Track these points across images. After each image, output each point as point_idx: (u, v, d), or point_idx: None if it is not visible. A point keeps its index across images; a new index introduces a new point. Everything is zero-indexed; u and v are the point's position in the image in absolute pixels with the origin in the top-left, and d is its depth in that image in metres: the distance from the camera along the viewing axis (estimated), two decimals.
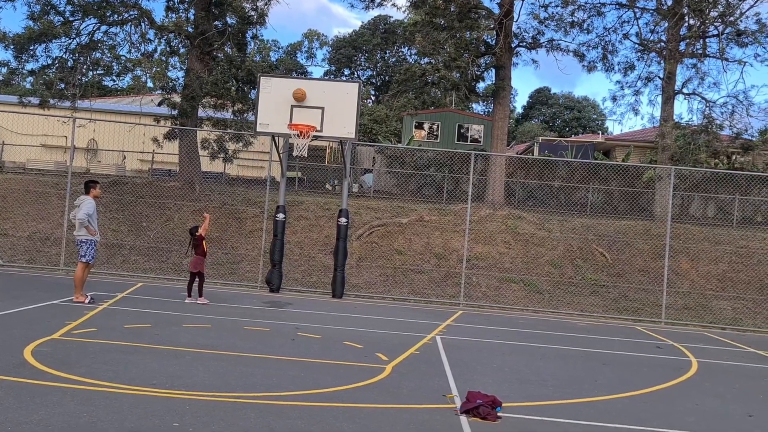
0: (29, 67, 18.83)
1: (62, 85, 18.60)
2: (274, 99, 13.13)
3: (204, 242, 11.53)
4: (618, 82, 25.99)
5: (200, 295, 11.44)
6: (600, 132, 50.31)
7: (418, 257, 16.23)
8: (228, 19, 20.06)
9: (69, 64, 18.79)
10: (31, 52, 18.36)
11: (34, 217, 16.26)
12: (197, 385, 6.12)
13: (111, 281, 13.46)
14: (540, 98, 65.80)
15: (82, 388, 5.69)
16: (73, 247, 14.98)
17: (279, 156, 14.04)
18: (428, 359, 8.25)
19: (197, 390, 5.93)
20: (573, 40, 22.26)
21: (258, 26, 20.58)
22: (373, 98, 59.05)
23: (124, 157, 27.39)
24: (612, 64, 22.20)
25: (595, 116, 62.71)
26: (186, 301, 11.36)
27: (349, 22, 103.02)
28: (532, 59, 23.58)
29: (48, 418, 4.88)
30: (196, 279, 11.49)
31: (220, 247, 15.92)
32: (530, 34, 21.57)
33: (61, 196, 15.75)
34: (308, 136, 12.76)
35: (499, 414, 5.90)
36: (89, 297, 10.44)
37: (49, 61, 18.83)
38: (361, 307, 12.83)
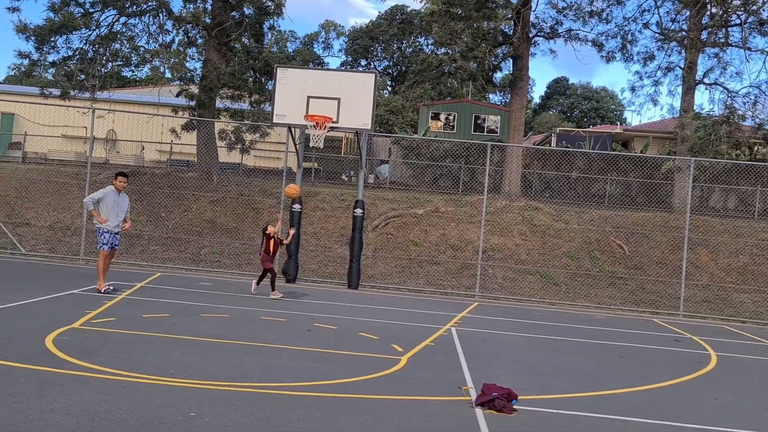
0: (50, 58, 19.03)
1: (82, 77, 18.75)
2: (290, 90, 13.13)
3: (272, 241, 11.43)
4: (637, 72, 25.72)
5: (272, 289, 11.50)
6: (618, 123, 49.81)
7: (434, 248, 16.20)
8: (245, 9, 20.06)
9: (89, 55, 18.93)
10: (52, 44, 18.51)
11: (55, 207, 16.44)
12: (214, 375, 6.16)
13: (130, 271, 13.59)
14: (558, 88, 65.22)
15: (101, 377, 5.75)
16: (93, 237, 15.18)
17: (295, 147, 14.05)
18: (443, 351, 8.23)
19: (214, 380, 5.97)
20: (591, 29, 22.02)
21: (275, 17, 20.58)
22: (389, 89, 58.88)
23: (143, 148, 27.58)
24: (631, 54, 21.93)
25: (613, 107, 62.05)
26: (252, 291, 11.59)
27: (365, 12, 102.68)
28: (550, 49, 23.47)
29: (68, 407, 4.94)
30: (268, 274, 11.54)
31: (238, 237, 16.00)
32: (548, 24, 21.36)
33: (81, 187, 15.91)
34: (325, 127, 12.75)
35: (514, 406, 5.88)
36: (107, 286, 10.53)
37: (70, 53, 19.00)
38: (377, 298, 12.85)
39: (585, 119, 60.61)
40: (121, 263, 14.22)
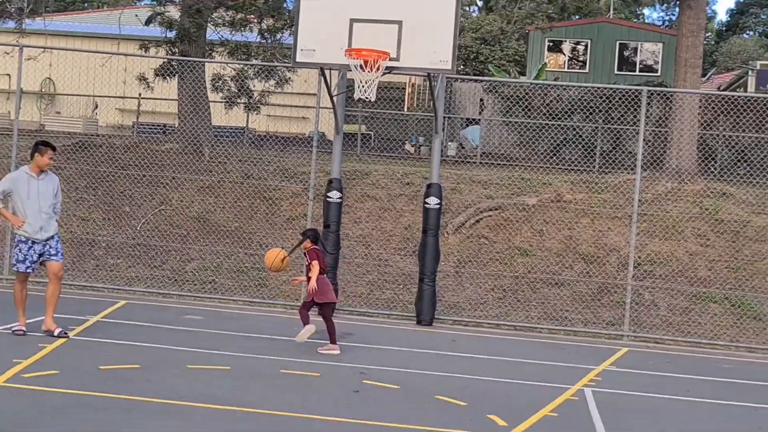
0: None
1: None
2: (323, 9, 13.22)
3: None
4: None
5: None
6: None
7: (555, 260, 16.04)
8: None
9: None
10: None
11: None
12: None
13: (80, 297, 13.97)
14: None
15: None
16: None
17: (331, 100, 14.15)
18: (572, 426, 8.16)
19: None
20: None
21: None
22: (480, 3, 58.59)
23: (96, 106, 28.33)
24: None
25: None
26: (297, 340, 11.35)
27: None
28: None
29: None
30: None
31: (242, 244, 16.24)
32: None
33: (4, 166, 16.46)
34: (378, 68, 12.79)
35: None
36: (58, 328, 10.51)
37: None
38: (463, 340, 12.83)
39: None
40: (65, 285, 14.63)
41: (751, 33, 61.06)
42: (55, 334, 10.40)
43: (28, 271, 10.54)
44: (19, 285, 10.59)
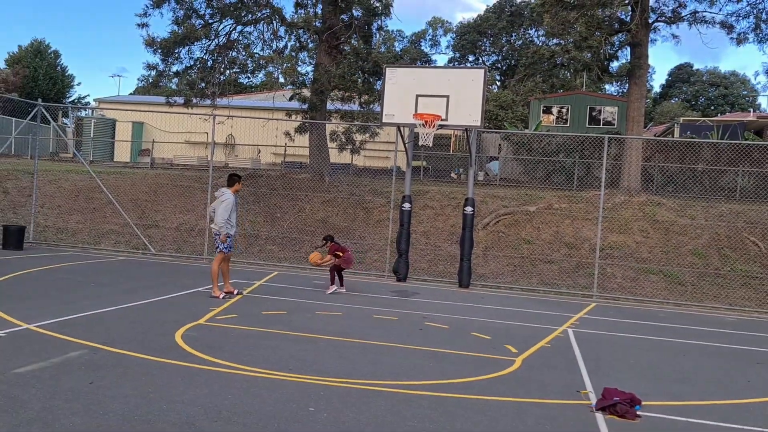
0: (174, 69, 20.37)
1: (203, 85, 19.92)
2: (399, 89, 13.26)
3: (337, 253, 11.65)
4: None
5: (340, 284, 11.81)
6: (751, 110, 46.22)
7: (548, 246, 15.79)
8: (354, 11, 20.49)
9: (208, 64, 20.09)
10: (176, 55, 19.81)
11: (180, 210, 17.57)
12: (329, 371, 6.35)
13: (249, 270, 14.27)
14: (681, 75, 61.43)
15: (225, 371, 6.10)
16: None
17: (404, 146, 14.17)
18: (560, 353, 8.03)
19: (329, 376, 6.15)
20: (720, 10, 20.54)
21: (383, 17, 20.85)
22: (498, 84, 57.99)
23: (259, 151, 28.86)
24: (767, 34, 20.26)
25: (745, 92, 57.63)
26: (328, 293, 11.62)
27: (473, 6, 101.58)
28: (672, 34, 22.05)
29: (196, 399, 5.27)
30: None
31: (349, 236, 16.36)
32: (670, 8, 20.22)
33: (204, 190, 16.89)
34: (433, 126, 12.77)
35: (638, 413, 5.63)
36: (223, 293, 10.34)
37: (191, 63, 20.25)
38: (489, 298, 12.72)
39: (712, 107, 56.71)
40: (240, 262, 14.96)
41: (677, 99, 59.13)
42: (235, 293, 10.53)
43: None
44: (224, 263, 10.43)
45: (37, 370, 5.73)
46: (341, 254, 11.67)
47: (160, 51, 19.33)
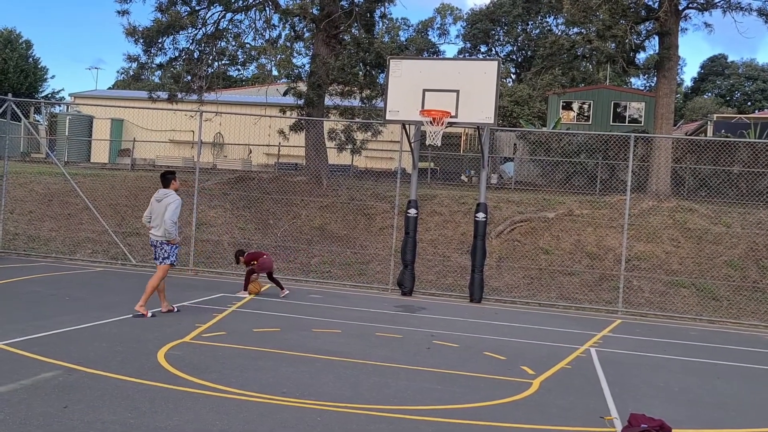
0: (158, 60, 20.44)
1: (189, 78, 19.99)
2: (404, 83, 13.29)
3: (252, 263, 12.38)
4: None
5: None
6: None
7: (568, 257, 15.78)
8: None
9: (195, 55, 20.17)
10: (160, 45, 19.89)
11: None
12: (328, 394, 6.36)
13: (239, 282, 14.26)
14: (714, 68, 61.42)
15: (213, 395, 6.10)
16: (202, 247, 16.11)
17: (410, 145, 14.19)
18: (582, 374, 8.01)
19: (328, 400, 6.16)
20: None
21: (387, 4, 20.94)
22: (513, 77, 58.07)
23: (250, 151, 28.94)
24: None
25: None
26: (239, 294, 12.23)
27: None
28: (705, 23, 22.08)
29: (182, 425, 5.28)
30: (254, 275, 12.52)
31: (349, 245, 16.38)
32: None
33: (189, 194, 16.92)
34: (442, 123, 12.79)
35: None
36: (151, 312, 9.70)
37: (176, 54, 20.33)
38: (503, 313, 12.71)
39: (749, 103, 56.68)
40: (228, 273, 14.98)
41: (710, 94, 59.16)
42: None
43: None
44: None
45: (6, 392, 5.74)
46: (255, 262, 12.34)
47: (142, 41, 19.40)
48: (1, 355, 6.92)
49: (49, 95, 53.91)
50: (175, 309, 10.21)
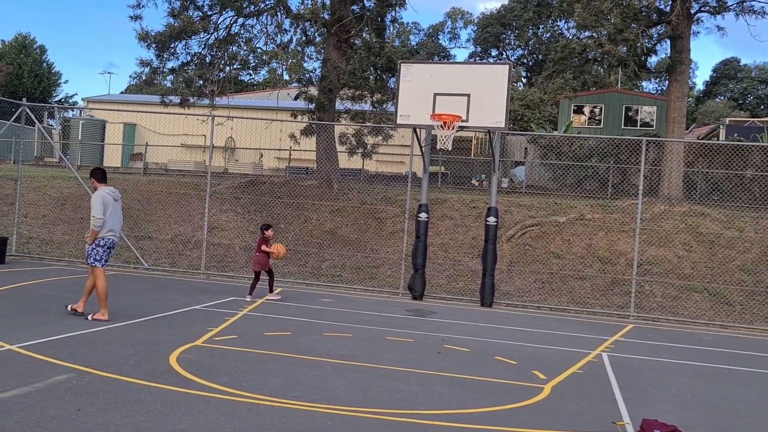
0: (170, 65, 20.57)
1: (201, 82, 20.09)
2: (415, 87, 13.31)
3: (266, 244, 12.28)
4: None
5: (270, 291, 12.52)
6: None
7: (579, 261, 15.73)
8: (366, 2, 20.61)
9: (207, 59, 20.27)
10: (172, 50, 20.00)
11: (175, 220, 17.69)
12: (339, 398, 6.36)
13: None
14: (727, 71, 61.10)
15: (225, 398, 6.12)
16: (214, 251, 16.18)
17: (421, 149, 14.20)
18: (594, 379, 7.98)
19: (339, 404, 6.16)
20: None
21: (397, 8, 20.96)
22: (524, 81, 58.00)
23: (262, 155, 29.03)
24: None
25: None
26: (247, 299, 12.08)
27: None
28: (717, 26, 22.09)
29: (194, 428, 5.30)
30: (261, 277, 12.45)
31: (360, 249, 16.40)
32: None
33: (201, 198, 17.00)
34: (453, 127, 12.79)
35: None
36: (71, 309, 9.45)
37: (188, 58, 20.43)
38: (514, 318, 12.68)
39: (762, 107, 56.35)
40: (240, 278, 15.04)
41: (722, 98, 58.84)
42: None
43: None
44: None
45: (21, 395, 5.78)
46: (271, 249, 12.31)
47: (154, 46, 19.51)
48: (16, 358, 6.98)
49: (63, 100, 54.34)
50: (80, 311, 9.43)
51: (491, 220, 13.91)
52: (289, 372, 7.24)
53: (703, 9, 20.21)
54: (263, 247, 12.25)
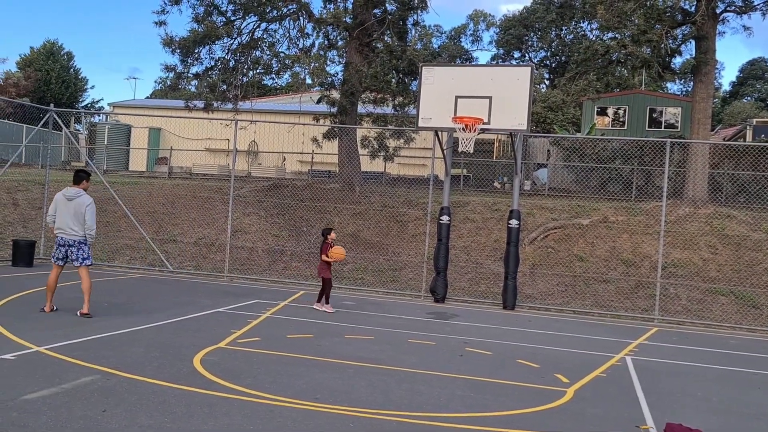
0: (194, 70, 20.78)
1: (224, 87, 20.27)
2: (436, 90, 13.30)
3: (329, 250, 11.79)
4: None
5: (326, 302, 11.77)
6: None
7: (603, 264, 15.60)
8: (387, 5, 20.65)
9: (230, 64, 20.46)
10: (196, 55, 20.22)
11: (199, 223, 17.85)
12: (360, 401, 6.37)
13: (272, 288, 14.41)
14: (754, 72, 60.24)
15: (247, 400, 6.16)
16: (237, 254, 16.29)
17: (443, 152, 14.20)
18: (617, 383, 7.91)
19: (361, 406, 6.17)
20: None
21: (419, 11, 21.00)
22: (547, 82, 57.67)
23: (284, 159, 29.18)
24: None
25: None
26: (318, 308, 11.73)
27: None
28: (743, 26, 21.75)
29: (216, 430, 5.35)
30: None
31: (382, 252, 16.41)
32: None
33: (225, 201, 17.14)
34: (475, 130, 12.77)
35: None
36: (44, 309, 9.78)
37: (212, 63, 20.64)
38: (536, 321, 12.61)
39: None
40: (263, 281, 15.13)
41: (749, 98, 58.02)
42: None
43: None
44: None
45: (48, 396, 5.87)
46: (329, 256, 11.85)
47: (178, 51, 19.74)
48: (44, 360, 7.09)
49: (89, 105, 55.11)
50: (55, 308, 9.85)
51: (513, 222, 13.85)
52: (311, 374, 7.27)
53: (728, 9, 19.97)
54: (323, 257, 11.82)
